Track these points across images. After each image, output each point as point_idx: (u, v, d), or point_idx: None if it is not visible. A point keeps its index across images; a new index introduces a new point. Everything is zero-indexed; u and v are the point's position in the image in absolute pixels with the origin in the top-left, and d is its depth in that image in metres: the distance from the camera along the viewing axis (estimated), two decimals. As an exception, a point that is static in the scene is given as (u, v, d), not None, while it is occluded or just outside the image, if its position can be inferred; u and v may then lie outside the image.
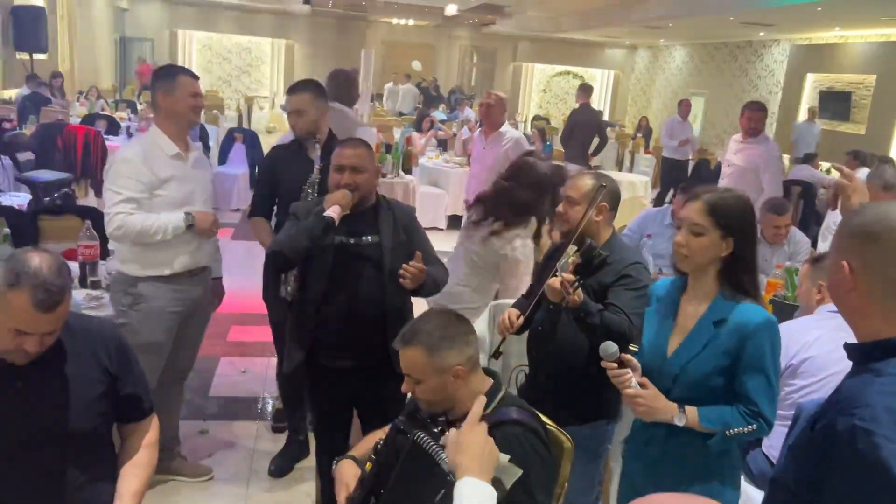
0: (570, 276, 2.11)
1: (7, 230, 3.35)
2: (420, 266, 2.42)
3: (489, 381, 1.86)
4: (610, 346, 1.90)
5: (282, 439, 3.50)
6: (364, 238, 2.57)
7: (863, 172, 8.46)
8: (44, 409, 1.74)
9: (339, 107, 4.09)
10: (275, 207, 3.35)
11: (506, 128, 4.95)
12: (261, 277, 3.32)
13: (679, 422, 1.84)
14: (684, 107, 10.03)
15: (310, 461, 3.36)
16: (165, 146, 2.83)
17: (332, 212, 2.43)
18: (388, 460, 1.80)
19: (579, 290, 2.12)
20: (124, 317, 2.83)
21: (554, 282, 2.16)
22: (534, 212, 3.13)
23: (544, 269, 2.46)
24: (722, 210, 1.87)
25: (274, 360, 4.49)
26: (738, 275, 1.89)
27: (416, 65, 17.95)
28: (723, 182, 5.55)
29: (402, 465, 1.75)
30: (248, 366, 4.42)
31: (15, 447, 1.71)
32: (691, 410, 1.85)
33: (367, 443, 1.99)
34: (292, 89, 3.26)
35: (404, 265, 2.43)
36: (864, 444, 1.15)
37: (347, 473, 1.89)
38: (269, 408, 3.96)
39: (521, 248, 3.15)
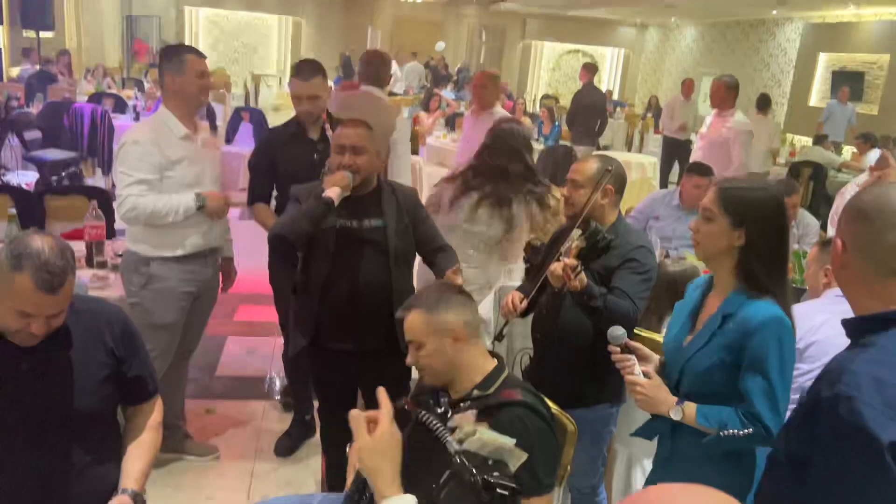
0: (573, 262, 2.11)
1: (13, 210, 3.35)
2: (459, 284, 2.35)
3: (493, 362, 1.87)
4: (616, 330, 1.90)
5: (289, 418, 3.53)
6: (367, 221, 2.55)
7: (874, 154, 8.39)
8: (49, 391, 1.75)
9: (372, 90, 4.00)
10: (274, 192, 3.33)
11: (497, 108, 4.85)
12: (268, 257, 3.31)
13: (675, 416, 1.80)
14: (686, 86, 9.95)
15: (316, 440, 3.39)
16: (175, 127, 2.81)
17: (332, 192, 2.40)
18: None
19: (582, 275, 2.11)
20: (136, 297, 2.84)
21: (556, 267, 2.15)
22: (519, 176, 3.11)
23: (549, 252, 2.45)
24: (734, 199, 1.80)
25: (281, 340, 4.52)
26: (752, 269, 1.80)
27: (440, 45, 17.72)
28: (695, 155, 5.49)
29: (404, 446, 1.75)
30: (255, 345, 4.44)
31: (21, 428, 1.72)
32: (690, 406, 1.80)
33: None
34: (304, 74, 3.16)
35: None
36: (845, 410, 1.16)
37: None
38: (277, 386, 3.98)
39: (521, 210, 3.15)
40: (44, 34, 11.16)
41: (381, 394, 1.45)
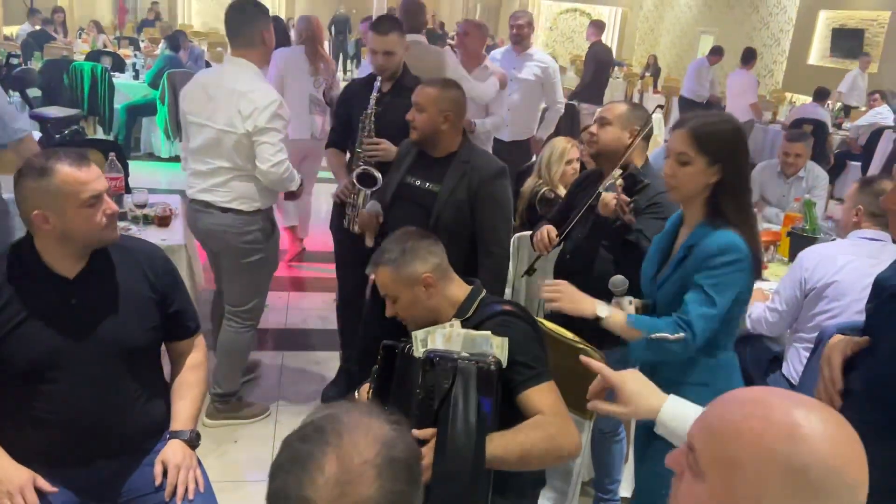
0: (626, 197, 2.14)
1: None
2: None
3: (467, 288, 1.93)
4: (621, 284, 2.01)
5: (315, 366, 3.59)
6: (427, 184, 2.60)
7: (885, 110, 8.42)
8: (100, 325, 1.78)
9: (417, 38, 3.92)
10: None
11: (488, 62, 4.59)
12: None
13: (601, 313, 1.91)
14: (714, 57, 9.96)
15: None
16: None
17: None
18: (384, 382, 1.84)
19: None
20: (262, 251, 3.00)
21: (608, 199, 2.18)
22: None
23: (577, 193, 2.48)
24: (707, 137, 1.80)
25: (286, 294, 4.59)
26: (720, 202, 1.83)
27: None
28: (512, 98, 4.93)
29: (396, 382, 1.80)
30: (270, 299, 4.46)
31: (76, 362, 1.75)
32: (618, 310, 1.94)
33: None
34: (381, 28, 3.13)
35: None
36: None
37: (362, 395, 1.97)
38: (292, 336, 4.06)
39: None
40: (36, -8, 10.98)
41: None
